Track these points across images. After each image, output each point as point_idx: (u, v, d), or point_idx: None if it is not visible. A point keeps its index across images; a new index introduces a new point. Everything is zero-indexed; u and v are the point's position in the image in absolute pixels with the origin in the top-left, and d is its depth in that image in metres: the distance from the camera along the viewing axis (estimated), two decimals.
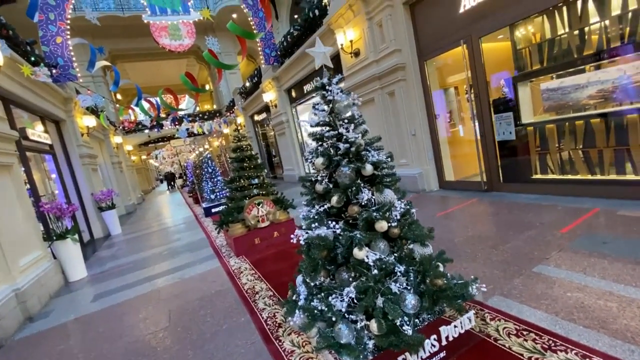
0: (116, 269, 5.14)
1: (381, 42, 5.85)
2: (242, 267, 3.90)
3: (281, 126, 11.14)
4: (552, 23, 3.90)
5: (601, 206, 3.50)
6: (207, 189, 8.67)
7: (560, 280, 2.30)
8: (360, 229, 1.73)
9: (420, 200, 5.39)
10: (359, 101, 1.85)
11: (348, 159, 1.75)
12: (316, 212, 1.81)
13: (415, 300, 1.65)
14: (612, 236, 2.79)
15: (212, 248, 5.12)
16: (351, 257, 1.69)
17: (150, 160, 32.97)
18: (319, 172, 1.87)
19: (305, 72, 9.02)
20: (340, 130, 1.78)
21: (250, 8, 9.65)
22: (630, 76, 3.42)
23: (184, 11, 9.29)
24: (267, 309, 2.71)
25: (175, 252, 5.39)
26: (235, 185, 4.69)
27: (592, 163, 3.92)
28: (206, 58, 6.50)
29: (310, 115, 1.90)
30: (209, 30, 18.19)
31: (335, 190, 1.71)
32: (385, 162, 1.75)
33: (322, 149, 1.79)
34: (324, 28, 7.10)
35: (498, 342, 1.81)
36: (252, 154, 4.78)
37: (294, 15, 15.04)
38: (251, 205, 4.50)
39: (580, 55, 3.73)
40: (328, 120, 1.80)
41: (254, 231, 4.47)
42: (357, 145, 1.73)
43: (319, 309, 1.74)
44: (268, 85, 11.13)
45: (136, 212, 13.84)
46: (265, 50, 10.07)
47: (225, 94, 19.47)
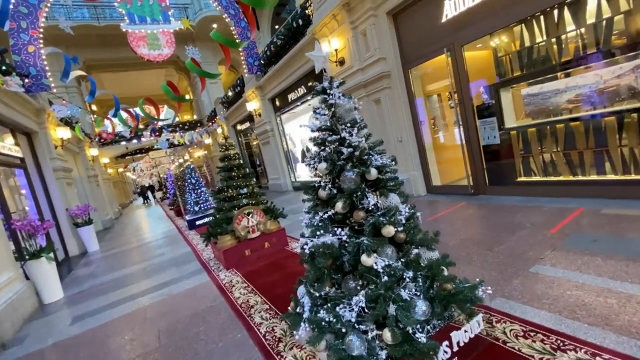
0: (96, 288, 4.84)
1: (366, 50, 5.93)
2: (233, 280, 3.76)
3: (265, 135, 11.04)
4: (531, 32, 4.07)
5: (585, 206, 3.63)
6: (191, 201, 8.41)
7: (558, 279, 2.33)
8: (366, 234, 1.68)
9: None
10: (359, 105, 1.83)
11: (352, 164, 1.71)
12: (320, 219, 1.75)
13: (426, 306, 1.61)
14: (601, 234, 2.87)
15: (200, 262, 4.92)
16: (359, 265, 1.63)
17: (128, 173, 31.87)
18: (321, 177, 1.82)
19: (290, 81, 9.02)
20: (342, 135, 1.74)
21: (232, 18, 9.61)
22: (607, 81, 3.61)
23: (164, 20, 9.12)
24: (264, 324, 2.60)
25: (159, 267, 5.14)
26: (224, 196, 4.56)
27: (574, 164, 4.07)
28: (189, 67, 6.37)
29: (310, 120, 1.86)
30: (189, 40, 17.99)
31: (341, 195, 1.66)
32: (389, 165, 1.73)
33: (325, 153, 1.74)
34: (308, 37, 7.14)
35: (507, 345, 1.80)
36: (240, 163, 4.67)
37: (275, 25, 15.13)
38: (241, 216, 4.37)
39: (558, 61, 3.90)
40: (330, 124, 1.76)
41: (244, 242, 4.34)
42: (361, 149, 1.69)
43: (326, 321, 1.66)
44: (251, 94, 11.05)
45: (114, 227, 13.24)
46: (248, 60, 10.01)
47: (206, 104, 19.20)
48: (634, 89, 3.44)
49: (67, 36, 11.34)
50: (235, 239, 4.36)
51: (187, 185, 8.48)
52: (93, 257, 7.57)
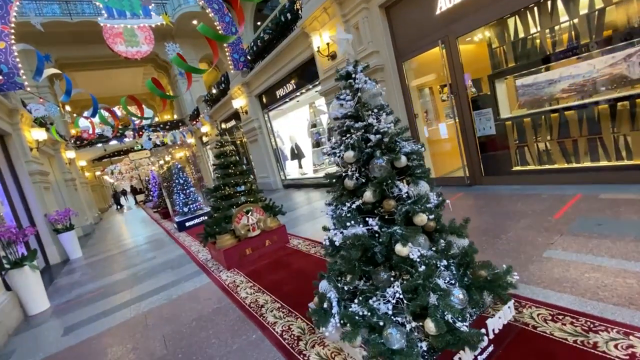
0: (85, 296, 4.57)
1: (358, 44, 5.88)
2: (237, 280, 3.62)
3: (253, 133, 10.83)
4: (525, 22, 4.13)
5: (582, 192, 3.72)
6: (179, 202, 8.13)
7: (573, 262, 2.36)
8: (398, 224, 1.62)
9: None
10: (384, 90, 1.76)
11: (381, 151, 1.64)
12: (348, 209, 1.67)
13: (463, 294, 1.57)
14: (604, 218, 2.94)
15: (196, 263, 4.74)
16: (393, 255, 1.57)
17: (105, 176, 30.61)
18: (347, 166, 1.74)
19: (278, 77, 8.87)
20: (369, 121, 1.67)
21: (216, 12, 9.33)
22: (600, 70, 3.71)
23: (145, 15, 8.74)
24: (279, 322, 2.50)
25: (153, 271, 4.92)
26: (221, 194, 4.40)
27: (568, 152, 4.18)
28: (175, 62, 6.14)
29: (332, 107, 1.78)
30: (168, 37, 17.42)
31: (374, 184, 1.59)
32: (418, 151, 1.67)
33: (351, 141, 1.66)
34: (298, 31, 7.02)
35: (538, 330, 1.79)
36: (237, 160, 4.52)
37: (257, 22, 14.86)
38: (240, 214, 4.23)
39: (552, 51, 3.98)
40: (355, 110, 1.68)
41: (245, 241, 4.20)
42: (390, 135, 1.63)
43: (360, 315, 1.59)
44: (237, 91, 10.81)
45: (95, 232, 12.67)
46: (234, 56, 9.77)
47: (188, 103, 18.66)
48: (626, 77, 3.55)
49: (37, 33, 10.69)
50: (235, 238, 4.22)
51: (175, 186, 8.19)
52: (76, 264, 7.19)
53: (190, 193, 8.24)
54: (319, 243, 4.11)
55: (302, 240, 4.45)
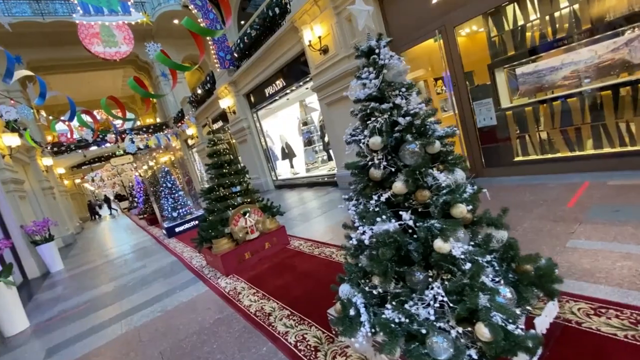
0: (69, 312, 4.22)
1: (352, 37, 5.71)
2: (237, 287, 3.38)
3: (242, 133, 10.52)
4: (524, 9, 4.05)
5: (589, 179, 3.66)
6: (168, 207, 7.76)
7: (600, 251, 2.24)
8: (435, 217, 1.44)
9: None
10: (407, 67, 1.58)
11: (412, 135, 1.46)
12: (375, 203, 1.48)
13: (511, 293, 1.41)
14: (619, 205, 2.86)
15: (191, 270, 4.45)
16: (432, 253, 1.39)
17: (86, 184, 29.45)
18: (371, 154, 1.55)
19: (267, 75, 8.61)
20: (397, 102, 1.48)
21: (200, 9, 9.00)
22: (601, 55, 3.65)
23: (123, 11, 8.32)
24: (291, 332, 2.28)
25: (144, 281, 4.60)
26: (215, 195, 4.13)
27: (571, 140, 4.12)
28: (159, 59, 5.80)
29: (352, 88, 1.58)
30: (148, 37, 16.83)
31: (407, 172, 1.40)
32: (452, 134, 1.49)
33: (378, 125, 1.47)
34: (287, 26, 6.80)
35: (583, 326, 1.64)
36: (231, 158, 4.27)
37: (241, 21, 14.52)
38: (237, 216, 3.98)
39: (553, 38, 3.91)
40: (380, 90, 1.49)
41: (243, 245, 3.96)
42: (422, 117, 1.45)
43: (396, 322, 1.40)
44: (224, 90, 10.47)
45: (77, 243, 12.06)
46: (220, 54, 9.45)
47: (172, 105, 18.08)
48: (628, 63, 3.50)
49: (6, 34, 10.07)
50: (233, 242, 3.97)
51: (163, 190, 7.81)
52: (58, 277, 6.73)
53: (179, 197, 7.89)
54: (323, 243, 3.91)
55: (303, 241, 4.24)
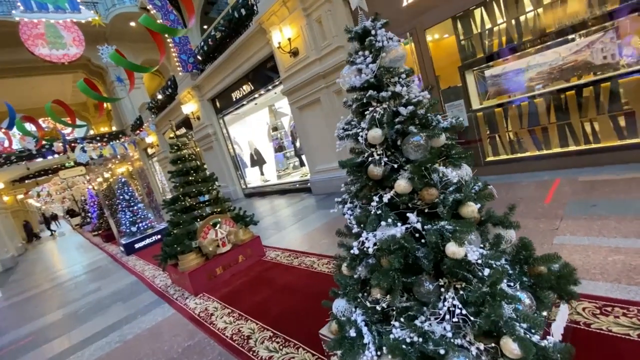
0: (6, 349, 3.58)
1: (322, 39, 5.60)
2: (209, 307, 3.02)
3: (208, 140, 10.00)
4: (491, 14, 4.15)
5: (559, 176, 3.77)
6: (126, 221, 7.08)
7: (589, 247, 2.23)
8: (444, 218, 1.27)
9: None
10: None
11: (415, 126, 1.29)
12: (377, 205, 1.29)
13: (530, 299, 1.27)
14: (595, 199, 2.92)
15: (154, 291, 3.99)
16: (445, 258, 1.21)
17: (30, 199, 26.65)
18: (369, 150, 1.35)
19: (233, 78, 8.26)
20: (396, 89, 1.31)
21: (159, 9, 8.48)
22: (565, 57, 3.81)
23: (72, 9, 7.59)
24: (275, 356, 2.01)
25: (99, 306, 4.05)
26: (181, 206, 3.74)
27: (539, 140, 4.25)
28: (114, 59, 5.30)
29: (344, 75, 1.39)
30: (101, 40, 15.68)
31: (413, 168, 1.22)
32: (459, 126, 1.34)
33: (377, 116, 1.28)
34: (255, 27, 6.55)
35: (592, 327, 1.55)
36: (198, 165, 3.91)
37: (204, 25, 14.01)
38: (206, 228, 3.62)
39: (519, 41, 4.03)
40: (377, 77, 1.31)
41: (214, 259, 3.60)
42: (425, 106, 1.29)
43: (407, 342, 1.20)
44: (187, 95, 9.92)
45: (18, 265, 10.73)
46: (182, 57, 8.95)
47: (129, 112, 16.93)
48: (590, 64, 3.68)
49: None
50: (202, 257, 3.60)
51: (120, 203, 7.12)
52: None
53: (139, 210, 7.24)
54: (302, 253, 3.66)
55: (280, 251, 3.96)
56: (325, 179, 6.56)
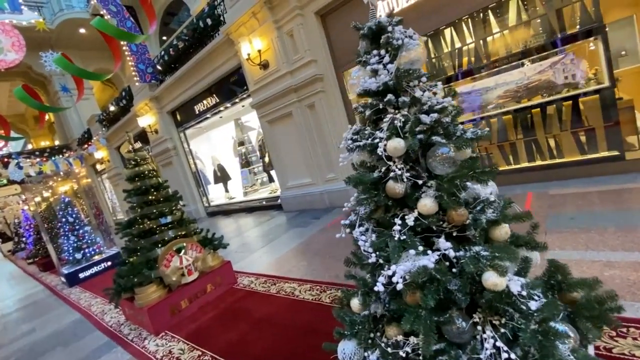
0: None
1: (294, 52, 5.47)
2: (173, 349, 2.58)
3: (167, 154, 9.31)
4: (460, 33, 4.30)
5: (530, 190, 3.88)
6: (69, 247, 6.20)
7: (581, 261, 2.20)
8: (477, 242, 1.10)
9: None
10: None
11: (440, 136, 1.11)
12: (400, 229, 1.08)
13: (573, 332, 1.12)
14: (572, 213, 2.98)
15: (103, 331, 3.39)
16: (484, 291, 1.03)
17: None
18: (387, 164, 1.15)
19: (196, 90, 7.82)
20: (416, 94, 1.14)
21: (114, 15, 7.88)
22: (530, 77, 4.01)
23: (12, 9, 6.75)
24: None
25: (33, 353, 3.35)
26: (138, 230, 3.26)
27: (507, 155, 4.40)
28: (60, 64, 4.71)
29: (355, 78, 1.20)
30: (45, 46, 14.31)
31: (442, 184, 1.03)
32: (486, 136, 1.19)
33: (399, 123, 1.09)
34: (222, 38, 6.27)
35: (614, 352, 1.45)
36: (159, 182, 3.47)
37: (163, 37, 13.40)
38: (169, 255, 3.17)
39: (487, 61, 4.19)
40: (396, 79, 1.14)
41: (178, 290, 3.15)
42: (452, 114, 1.12)
43: None
44: (144, 107, 9.23)
45: None
46: (139, 66, 8.34)
47: (75, 125, 15.44)
48: (553, 83, 3.90)
49: None
50: (164, 289, 3.13)
51: (62, 226, 6.23)
52: None
53: (85, 234, 6.39)
54: (280, 278, 3.33)
55: (254, 277, 3.59)
56: (297, 195, 6.30)
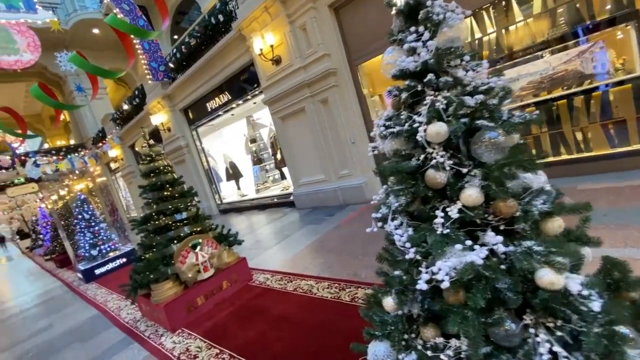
0: None
1: (307, 46, 5.38)
2: (190, 347, 2.54)
3: (179, 152, 9.36)
4: (481, 22, 4.13)
5: (559, 185, 3.70)
6: (85, 243, 6.28)
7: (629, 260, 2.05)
8: (529, 236, 1.00)
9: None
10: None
11: (487, 120, 1.01)
12: (444, 222, 0.99)
13: (636, 334, 1.00)
14: (604, 209, 2.82)
15: (120, 327, 3.39)
16: (538, 290, 0.93)
17: None
18: (425, 151, 1.06)
19: (208, 88, 7.81)
20: (458, 74, 1.04)
21: (127, 14, 7.93)
22: (555, 67, 3.82)
23: (27, 8, 6.86)
24: None
25: (51, 349, 3.38)
26: (154, 226, 3.24)
27: (529, 148, 4.22)
28: (75, 62, 4.73)
29: (392, 57, 1.11)
30: (60, 46, 14.59)
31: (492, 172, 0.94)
32: (536, 121, 1.08)
33: (441, 105, 1.00)
34: (233, 33, 6.23)
35: None
36: (174, 177, 3.44)
37: (174, 35, 13.50)
38: (185, 251, 3.14)
39: (510, 50, 4.02)
40: (437, 59, 1.04)
41: (194, 287, 3.11)
42: (499, 95, 1.02)
43: None
44: (157, 105, 9.29)
45: None
46: (152, 64, 8.38)
47: (90, 124, 15.71)
48: (580, 73, 3.71)
49: None
50: (180, 285, 3.10)
51: (78, 223, 6.31)
52: None
53: (101, 230, 6.46)
54: (296, 275, 3.26)
55: (269, 274, 3.53)
56: (309, 192, 6.23)
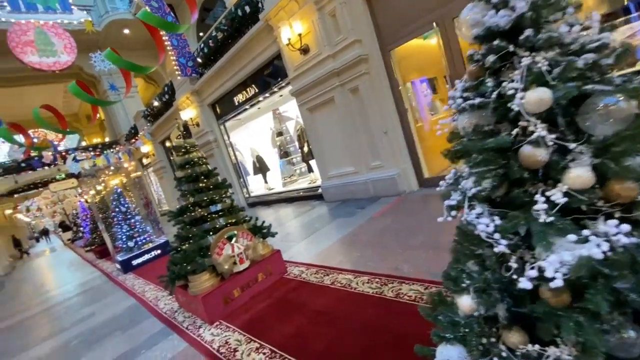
0: None
1: (336, 33, 5.19)
2: (230, 339, 2.50)
3: (208, 147, 9.49)
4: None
5: None
6: (122, 235, 6.51)
7: None
8: None
9: (409, 204, 4.74)
10: None
11: (594, 84, 0.83)
12: (550, 208, 0.82)
13: None
14: None
15: (159, 318, 3.44)
16: None
17: (19, 214, 25.67)
18: (518, 124, 0.89)
19: (235, 81, 7.81)
20: (560, 30, 0.86)
21: (157, 11, 8.06)
22: None
23: (63, 9, 7.12)
24: None
25: (94, 337, 3.48)
26: (190, 217, 3.23)
27: None
28: (110, 58, 4.82)
29: (474, 13, 0.94)
30: (94, 48, 15.17)
31: (611, 146, 0.76)
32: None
33: (542, 67, 0.83)
34: (261, 24, 6.15)
35: None
36: (209, 169, 3.42)
37: (200, 33, 13.68)
38: (222, 242, 3.11)
39: None
40: (533, 13, 0.86)
41: (230, 279, 3.08)
42: (616, 53, 0.83)
43: None
44: (185, 101, 9.45)
45: (4, 286, 10.00)
46: (180, 60, 8.50)
47: (123, 121, 16.35)
48: None
49: None
50: (217, 277, 3.08)
51: (115, 216, 6.55)
52: None
53: (137, 223, 6.67)
54: (333, 269, 3.16)
55: (304, 267, 3.45)
56: (338, 185, 6.10)
